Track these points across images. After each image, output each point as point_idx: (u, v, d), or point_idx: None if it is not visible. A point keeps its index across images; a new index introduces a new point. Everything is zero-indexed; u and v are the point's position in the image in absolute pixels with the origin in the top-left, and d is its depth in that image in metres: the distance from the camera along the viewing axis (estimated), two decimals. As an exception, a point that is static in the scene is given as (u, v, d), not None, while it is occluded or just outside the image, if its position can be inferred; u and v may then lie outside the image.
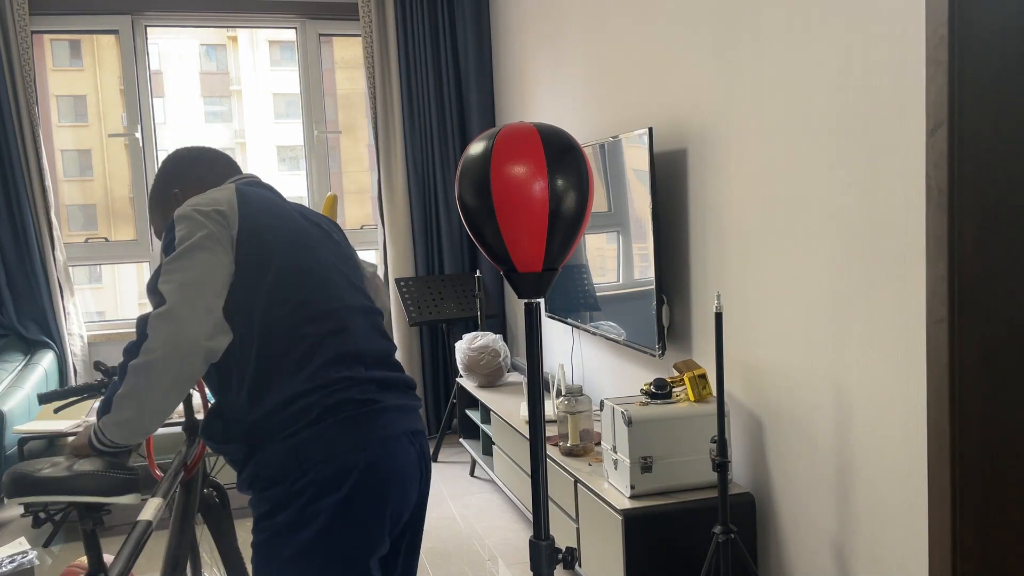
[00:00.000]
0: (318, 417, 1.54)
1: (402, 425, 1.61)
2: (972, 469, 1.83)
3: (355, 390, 1.58)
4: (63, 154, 5.44)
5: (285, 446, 1.53)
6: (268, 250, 1.60)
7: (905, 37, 1.90)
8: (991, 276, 1.81)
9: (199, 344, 1.47)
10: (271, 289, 1.58)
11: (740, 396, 2.65)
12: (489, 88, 5.11)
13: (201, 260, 1.52)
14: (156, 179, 1.85)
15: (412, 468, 1.61)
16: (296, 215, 1.70)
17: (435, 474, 4.38)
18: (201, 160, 1.83)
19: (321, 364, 1.57)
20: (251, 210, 1.61)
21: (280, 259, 1.60)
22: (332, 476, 1.52)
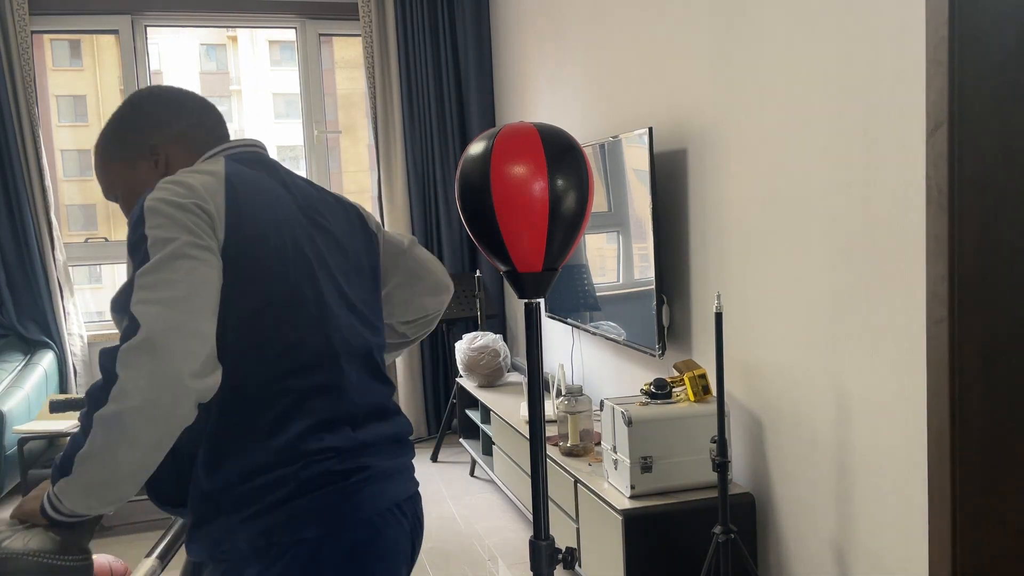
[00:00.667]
0: (290, 494, 1.23)
1: (392, 495, 1.32)
2: (972, 469, 1.83)
3: (338, 460, 1.26)
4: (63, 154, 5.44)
5: (250, 527, 1.22)
6: (255, 272, 1.23)
7: (905, 37, 1.90)
8: (991, 276, 1.81)
9: (187, 385, 1.09)
10: (251, 326, 1.22)
11: (740, 396, 2.65)
12: (489, 88, 5.11)
13: (186, 272, 1.14)
14: (120, 120, 1.36)
15: (403, 544, 1.34)
16: (298, 214, 1.32)
17: (435, 474, 4.38)
18: (185, 107, 1.38)
19: (302, 430, 1.24)
20: (242, 212, 1.23)
21: (269, 288, 1.24)
22: (307, 562, 1.22)
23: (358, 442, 1.29)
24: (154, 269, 1.13)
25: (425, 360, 5.09)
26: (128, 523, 3.82)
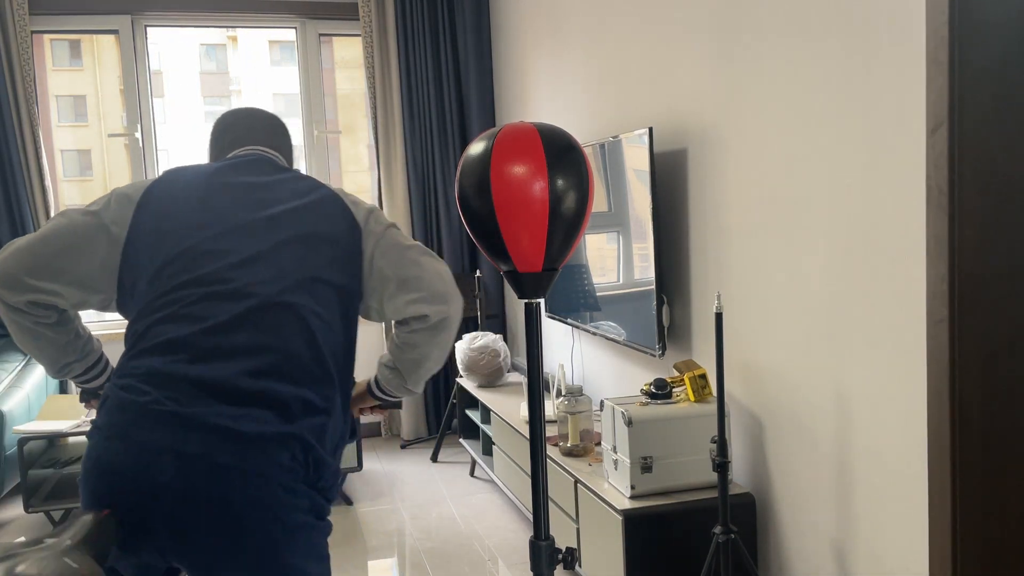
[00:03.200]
0: (105, 398, 1.45)
1: (158, 437, 1.36)
2: (972, 469, 1.83)
3: (144, 380, 1.43)
4: (63, 154, 5.45)
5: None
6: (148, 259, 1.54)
7: (905, 37, 1.90)
8: (991, 276, 1.81)
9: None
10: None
11: (740, 396, 2.65)
12: (489, 88, 5.11)
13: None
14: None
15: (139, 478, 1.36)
16: (195, 203, 1.57)
17: (435, 474, 4.38)
18: (216, 132, 1.77)
19: (138, 351, 1.47)
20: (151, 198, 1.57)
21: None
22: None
23: (179, 375, 1.40)
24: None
25: (425, 360, 5.09)
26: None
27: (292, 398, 1.43)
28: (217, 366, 1.41)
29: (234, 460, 1.36)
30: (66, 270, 1.53)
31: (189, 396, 1.39)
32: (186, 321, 1.45)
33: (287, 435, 1.40)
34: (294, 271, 1.52)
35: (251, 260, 1.51)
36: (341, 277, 1.57)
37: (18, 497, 4.27)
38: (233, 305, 1.46)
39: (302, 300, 1.50)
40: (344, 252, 1.58)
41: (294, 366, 1.45)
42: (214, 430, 1.36)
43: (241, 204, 1.57)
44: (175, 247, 1.52)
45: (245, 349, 1.43)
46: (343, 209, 1.62)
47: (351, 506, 3.92)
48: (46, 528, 3.78)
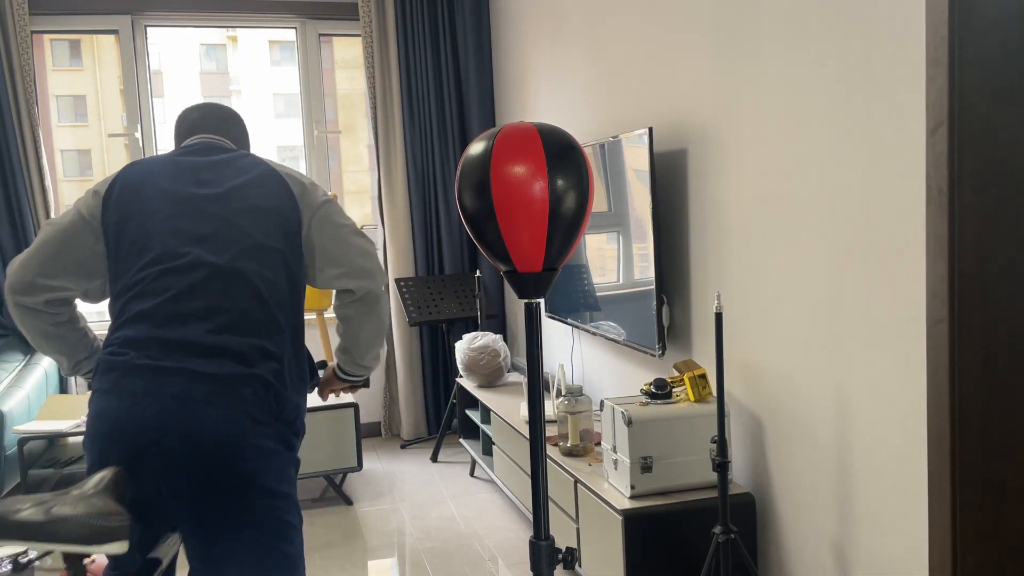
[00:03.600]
0: (98, 365, 1.71)
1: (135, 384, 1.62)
2: (972, 469, 1.83)
3: (127, 346, 1.68)
4: (63, 154, 5.44)
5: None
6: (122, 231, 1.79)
7: (905, 37, 1.90)
8: (991, 276, 1.81)
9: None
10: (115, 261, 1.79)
11: (740, 396, 2.65)
12: (489, 88, 5.11)
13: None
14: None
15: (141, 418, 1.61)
16: (166, 179, 1.81)
17: (435, 474, 4.38)
18: (176, 125, 2.01)
19: (118, 324, 1.72)
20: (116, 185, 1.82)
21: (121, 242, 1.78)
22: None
23: (154, 337, 1.64)
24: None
25: (425, 360, 5.09)
26: (128, 523, 3.83)
27: (248, 347, 1.66)
28: (181, 329, 1.64)
29: (206, 396, 1.59)
30: (68, 264, 1.79)
31: (163, 352, 1.63)
32: (151, 296, 1.69)
33: (248, 375, 1.63)
34: (239, 240, 1.73)
35: (201, 236, 1.73)
36: (282, 243, 1.78)
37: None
38: (189, 276, 1.69)
39: (249, 266, 1.72)
40: (283, 220, 1.79)
41: (247, 321, 1.68)
42: (186, 374, 1.60)
43: (191, 185, 1.79)
44: (137, 231, 1.75)
45: (203, 312, 1.66)
46: (281, 182, 1.83)
47: (351, 506, 3.92)
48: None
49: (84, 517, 1.46)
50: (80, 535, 1.45)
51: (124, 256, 1.75)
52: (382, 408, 5.18)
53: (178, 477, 1.58)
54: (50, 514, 1.46)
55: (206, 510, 1.59)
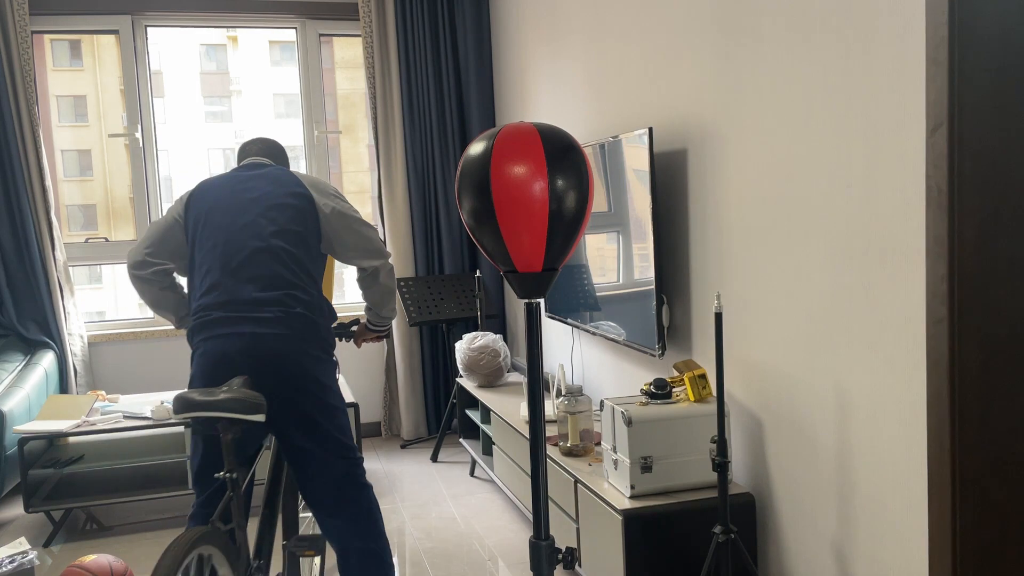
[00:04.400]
0: (192, 324, 2.45)
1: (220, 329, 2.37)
2: (972, 469, 1.83)
3: (211, 309, 2.41)
4: (63, 154, 5.44)
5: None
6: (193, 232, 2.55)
7: (905, 37, 1.90)
8: (991, 276, 1.81)
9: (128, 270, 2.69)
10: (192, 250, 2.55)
11: (740, 396, 2.65)
12: (489, 88, 5.11)
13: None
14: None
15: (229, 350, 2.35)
16: (225, 191, 2.55)
17: (435, 474, 4.38)
18: (238, 151, 2.78)
19: (198, 292, 2.45)
20: (194, 196, 2.59)
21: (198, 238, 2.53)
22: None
23: (222, 300, 2.38)
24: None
25: (425, 360, 5.09)
26: (128, 523, 3.83)
27: (285, 296, 2.39)
28: (240, 291, 2.38)
29: (267, 329, 2.34)
30: (165, 248, 2.57)
31: (233, 308, 2.37)
32: (216, 271, 2.42)
33: (290, 313, 2.38)
34: (270, 227, 2.45)
35: (244, 224, 2.46)
36: (302, 226, 2.49)
37: (18, 497, 4.27)
38: (239, 256, 2.42)
39: (277, 243, 2.43)
40: (302, 211, 2.50)
41: (279, 280, 2.40)
42: (251, 320, 2.35)
43: (240, 192, 2.53)
44: (206, 226, 2.49)
45: (252, 277, 2.39)
46: (298, 184, 2.55)
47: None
48: (46, 528, 3.78)
49: (241, 396, 2.12)
50: (240, 407, 2.11)
51: (199, 244, 2.48)
52: (382, 408, 5.18)
53: (261, 379, 2.33)
54: (218, 395, 2.11)
55: (281, 396, 2.34)
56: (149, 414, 3.79)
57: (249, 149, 2.77)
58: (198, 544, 1.96)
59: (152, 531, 3.71)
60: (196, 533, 1.96)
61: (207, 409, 2.09)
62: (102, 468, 3.71)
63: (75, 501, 3.59)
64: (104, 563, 2.83)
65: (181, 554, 1.88)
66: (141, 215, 4.90)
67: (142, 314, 5.08)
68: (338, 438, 2.42)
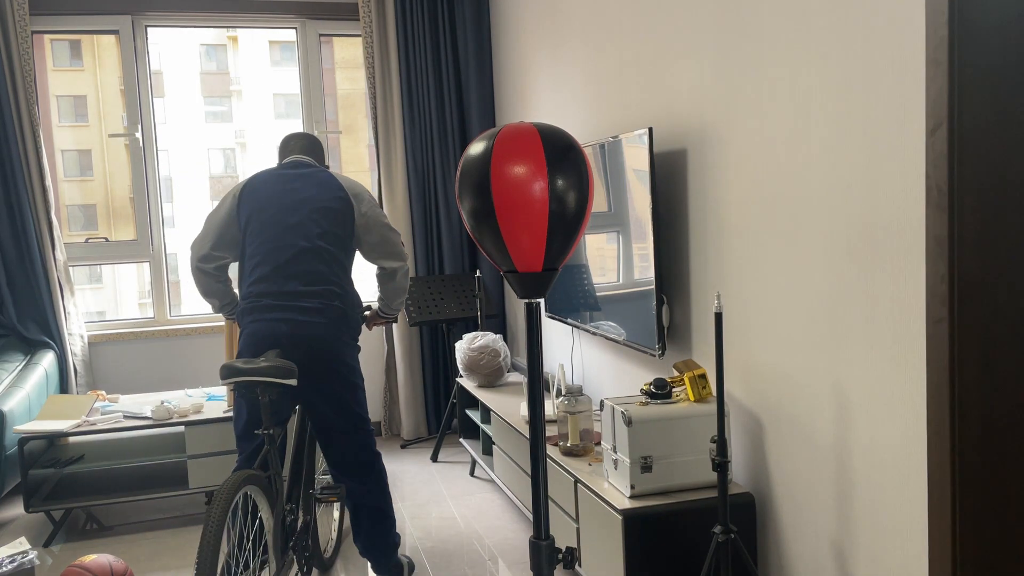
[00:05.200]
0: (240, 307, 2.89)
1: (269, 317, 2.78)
2: (972, 469, 1.83)
3: (260, 297, 2.81)
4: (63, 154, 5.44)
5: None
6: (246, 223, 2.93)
7: (905, 37, 1.90)
8: (991, 276, 1.81)
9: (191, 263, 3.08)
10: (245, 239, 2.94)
11: (740, 396, 2.65)
12: (489, 88, 5.11)
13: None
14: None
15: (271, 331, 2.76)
16: (276, 186, 2.91)
17: (435, 474, 4.38)
18: (279, 146, 3.09)
19: (250, 281, 2.83)
20: (246, 189, 2.95)
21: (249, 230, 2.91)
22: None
23: (272, 291, 2.78)
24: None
25: (425, 360, 5.09)
26: (128, 523, 3.83)
27: (324, 290, 2.78)
28: (286, 284, 2.77)
29: (308, 318, 2.74)
30: (224, 241, 2.93)
31: (279, 298, 2.75)
32: (266, 264, 2.80)
33: (327, 305, 2.78)
34: (313, 228, 2.83)
35: (292, 225, 2.82)
36: (341, 229, 2.88)
37: (18, 497, 4.27)
38: (287, 252, 2.79)
39: (322, 244, 2.82)
40: (342, 216, 2.88)
41: (320, 277, 2.79)
42: (295, 308, 2.74)
43: (287, 192, 2.87)
44: (256, 221, 2.85)
45: (297, 274, 2.77)
46: (340, 190, 2.91)
47: (351, 506, 3.92)
48: (46, 528, 3.78)
49: (276, 364, 2.51)
50: (276, 372, 2.50)
51: (251, 237, 2.84)
52: (382, 408, 5.18)
53: (299, 356, 2.72)
54: (258, 363, 2.49)
55: (314, 372, 2.74)
56: (149, 414, 3.79)
57: (292, 146, 3.06)
58: (245, 484, 2.38)
59: (152, 531, 3.71)
60: (244, 475, 2.39)
61: (249, 375, 2.49)
62: (102, 468, 3.71)
63: (75, 501, 3.59)
64: (104, 563, 2.84)
65: (233, 490, 2.30)
66: (141, 215, 4.90)
67: (142, 314, 5.08)
68: (357, 412, 2.84)
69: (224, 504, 2.25)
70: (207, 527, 2.20)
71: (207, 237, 2.92)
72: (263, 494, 2.55)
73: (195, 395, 4.17)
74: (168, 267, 5.03)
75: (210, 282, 2.98)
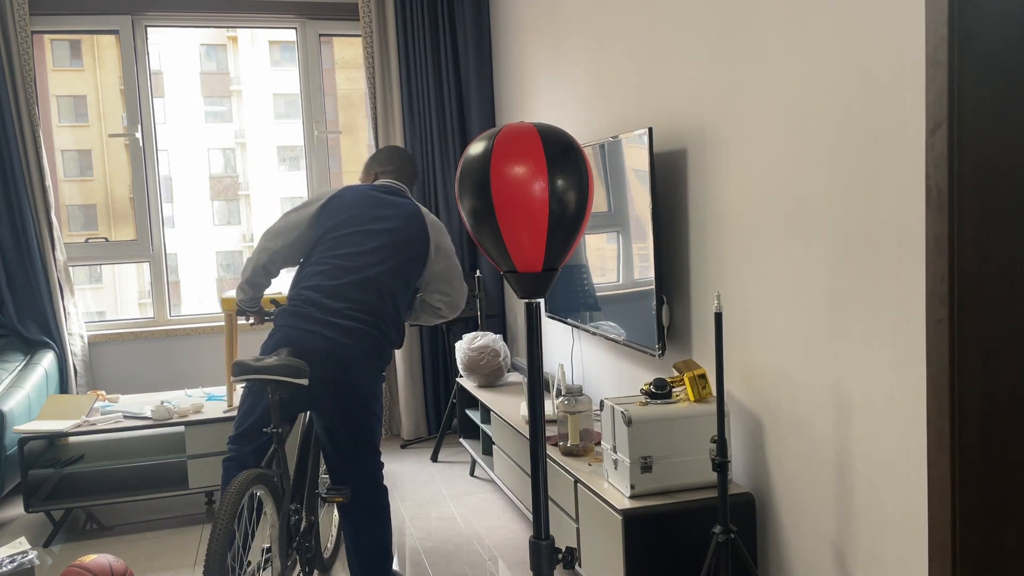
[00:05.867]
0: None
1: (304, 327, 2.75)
2: (972, 469, 1.83)
3: (306, 303, 2.79)
4: (63, 154, 5.45)
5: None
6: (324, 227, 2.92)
7: (905, 37, 1.90)
8: (991, 276, 1.81)
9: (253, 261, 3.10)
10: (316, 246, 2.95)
11: (740, 396, 2.65)
12: (489, 88, 5.11)
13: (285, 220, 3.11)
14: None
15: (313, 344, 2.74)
16: (360, 209, 2.92)
17: (435, 474, 4.38)
18: (372, 160, 3.14)
19: (303, 287, 2.83)
20: (331, 202, 2.95)
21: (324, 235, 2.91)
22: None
23: (322, 303, 2.77)
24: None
25: (425, 360, 5.09)
26: (128, 523, 3.83)
27: (371, 322, 2.76)
28: (336, 303, 2.75)
29: (347, 340, 2.71)
30: (289, 253, 2.93)
31: (325, 312, 2.73)
32: (327, 277, 2.79)
33: (367, 333, 2.75)
34: (386, 261, 2.81)
35: (367, 251, 2.82)
36: (411, 269, 2.87)
37: (18, 497, 4.27)
38: (350, 276, 2.78)
39: (386, 278, 2.80)
40: (417, 256, 2.88)
41: (374, 309, 2.77)
42: (337, 327, 2.72)
43: (369, 217, 2.88)
44: (333, 235, 2.86)
45: (351, 298, 2.75)
46: (423, 229, 2.90)
47: (351, 506, 3.92)
48: (46, 528, 3.79)
49: (287, 363, 2.51)
50: (289, 371, 2.50)
51: (322, 248, 2.85)
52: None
53: (325, 372, 2.69)
54: (270, 362, 2.50)
55: (334, 392, 2.70)
56: (149, 414, 3.79)
57: (385, 166, 3.09)
58: (253, 484, 2.38)
59: (152, 531, 3.71)
60: (254, 474, 2.38)
61: (261, 372, 2.50)
62: (102, 468, 3.71)
63: (75, 501, 3.59)
64: (104, 563, 2.84)
65: (243, 489, 2.31)
66: (141, 215, 4.90)
67: (142, 314, 5.09)
68: (369, 438, 2.81)
69: (234, 503, 2.24)
70: (216, 526, 2.19)
71: (276, 250, 2.90)
72: (270, 495, 2.55)
73: (195, 395, 4.17)
74: (168, 267, 5.03)
75: (261, 283, 2.98)
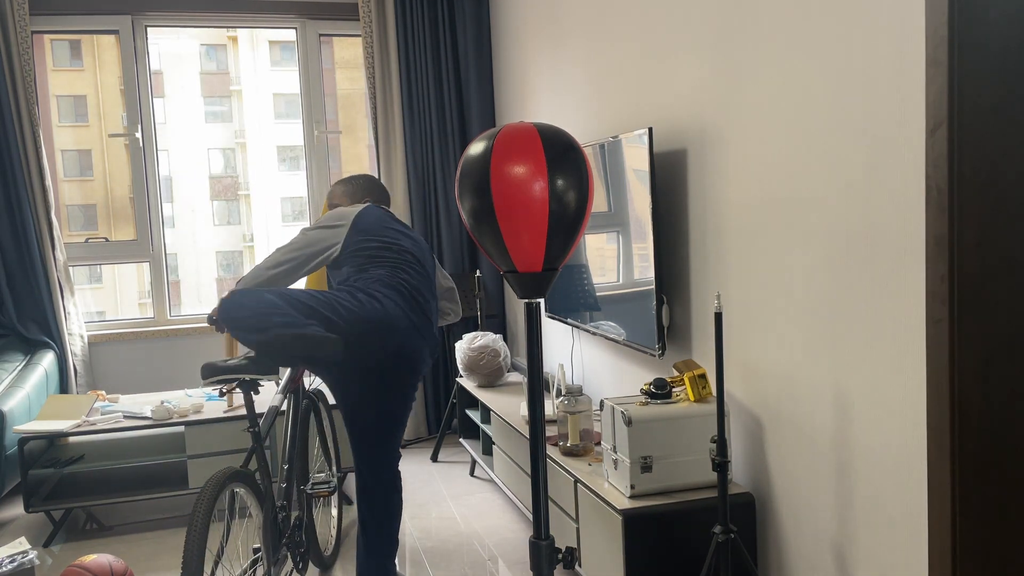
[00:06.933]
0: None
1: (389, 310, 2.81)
2: (972, 469, 1.83)
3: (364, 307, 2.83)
4: (63, 154, 5.45)
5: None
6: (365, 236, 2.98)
7: (905, 37, 1.90)
8: (991, 276, 1.81)
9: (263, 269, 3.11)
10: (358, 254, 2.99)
11: (740, 396, 2.65)
12: (489, 88, 5.11)
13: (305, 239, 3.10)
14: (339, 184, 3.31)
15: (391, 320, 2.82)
16: (389, 222, 3.03)
17: (435, 474, 4.38)
18: (354, 187, 3.24)
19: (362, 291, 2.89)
20: (361, 218, 2.99)
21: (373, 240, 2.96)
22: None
23: (419, 299, 2.88)
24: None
25: (425, 360, 5.09)
26: (128, 523, 3.83)
27: (428, 309, 2.87)
28: (428, 302, 2.87)
29: (404, 323, 2.76)
30: (319, 261, 2.93)
31: (420, 304, 2.83)
32: (388, 265, 2.86)
33: (427, 321, 2.85)
34: (422, 260, 2.96)
35: (406, 247, 2.93)
36: (431, 269, 3.00)
37: (18, 497, 4.27)
38: (409, 269, 2.87)
39: (428, 278, 2.94)
40: (429, 264, 3.00)
41: (430, 297, 2.91)
42: (417, 318, 2.80)
43: (395, 228, 3.00)
44: (374, 238, 2.92)
45: (412, 285, 2.85)
46: (429, 251, 3.06)
47: (351, 505, 3.92)
48: (46, 528, 3.79)
49: (254, 359, 2.50)
50: (257, 371, 2.48)
51: (362, 248, 2.88)
52: (382, 408, 5.18)
53: (383, 354, 2.74)
54: (237, 361, 2.48)
55: (383, 370, 2.77)
56: (149, 414, 3.79)
57: (372, 194, 3.23)
58: (229, 482, 2.33)
59: (152, 531, 3.71)
60: (228, 471, 2.33)
61: (231, 372, 2.48)
62: (102, 468, 3.71)
63: (75, 501, 3.59)
64: (104, 563, 2.84)
65: (217, 487, 2.27)
66: (141, 215, 4.90)
67: (142, 314, 5.09)
68: (396, 428, 2.87)
69: (209, 501, 2.23)
70: (192, 524, 2.17)
71: (311, 246, 2.91)
72: (252, 493, 2.53)
73: (195, 395, 4.17)
74: (168, 267, 5.03)
75: (282, 282, 2.99)
